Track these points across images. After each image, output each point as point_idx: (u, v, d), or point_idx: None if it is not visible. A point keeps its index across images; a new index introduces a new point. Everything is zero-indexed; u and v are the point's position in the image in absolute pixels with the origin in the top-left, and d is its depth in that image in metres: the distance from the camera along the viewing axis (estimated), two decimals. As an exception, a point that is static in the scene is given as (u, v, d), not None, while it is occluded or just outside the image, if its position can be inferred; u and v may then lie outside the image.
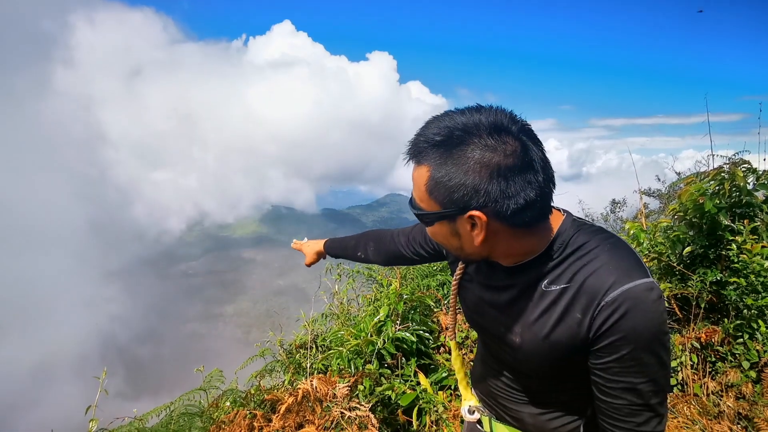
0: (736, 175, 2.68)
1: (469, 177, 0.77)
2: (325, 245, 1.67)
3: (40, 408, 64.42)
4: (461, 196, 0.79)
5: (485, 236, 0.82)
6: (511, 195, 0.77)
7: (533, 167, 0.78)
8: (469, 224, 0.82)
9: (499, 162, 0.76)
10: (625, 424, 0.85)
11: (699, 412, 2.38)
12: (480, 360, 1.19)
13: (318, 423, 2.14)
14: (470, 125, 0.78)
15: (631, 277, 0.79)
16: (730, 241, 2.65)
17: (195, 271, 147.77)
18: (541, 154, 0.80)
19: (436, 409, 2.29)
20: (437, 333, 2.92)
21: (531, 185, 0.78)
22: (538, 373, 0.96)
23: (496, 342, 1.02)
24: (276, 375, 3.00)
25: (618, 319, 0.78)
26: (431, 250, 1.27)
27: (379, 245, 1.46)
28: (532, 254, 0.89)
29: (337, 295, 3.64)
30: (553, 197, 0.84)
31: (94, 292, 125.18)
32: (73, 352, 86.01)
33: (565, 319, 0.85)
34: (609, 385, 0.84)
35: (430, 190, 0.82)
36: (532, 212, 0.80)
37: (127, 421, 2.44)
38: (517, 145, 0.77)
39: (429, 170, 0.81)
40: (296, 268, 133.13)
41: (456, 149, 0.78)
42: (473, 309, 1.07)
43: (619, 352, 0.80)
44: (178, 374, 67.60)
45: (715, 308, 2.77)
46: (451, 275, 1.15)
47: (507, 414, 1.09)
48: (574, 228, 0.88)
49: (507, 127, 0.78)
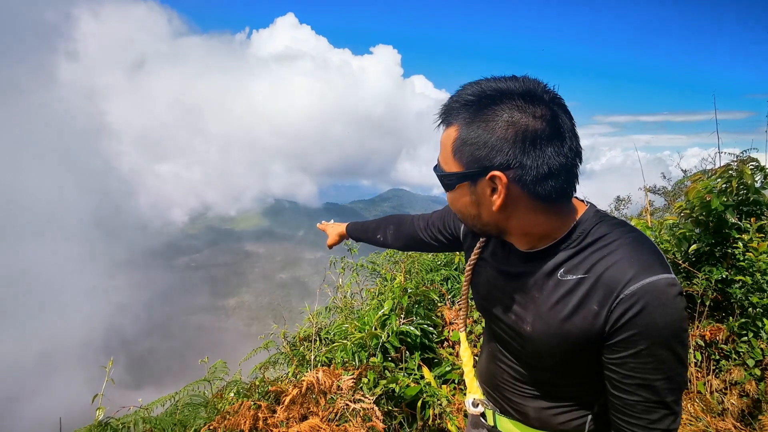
0: (744, 173, 2.66)
1: (494, 135, 0.77)
2: (348, 228, 1.70)
3: (44, 396, 65.11)
4: (485, 155, 0.78)
5: (504, 202, 0.81)
6: (535, 159, 0.77)
7: (561, 135, 0.78)
8: (490, 188, 0.81)
9: (528, 124, 0.76)
10: (639, 421, 0.82)
11: (703, 409, 2.38)
12: (486, 352, 1.16)
13: (322, 415, 2.16)
14: (503, 88, 0.79)
15: (652, 271, 0.77)
16: (736, 239, 2.64)
17: (198, 263, 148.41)
18: (571, 125, 0.80)
19: (439, 402, 2.30)
20: (441, 327, 2.93)
21: (557, 154, 0.77)
22: (546, 364, 0.93)
23: (505, 331, 1.00)
24: (280, 367, 3.02)
25: (636, 313, 0.76)
26: (449, 236, 1.25)
27: (398, 229, 1.46)
28: (550, 238, 0.87)
29: (341, 288, 3.65)
30: (578, 175, 0.82)
31: (98, 283, 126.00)
32: (76, 342, 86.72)
33: (581, 311, 0.82)
34: (624, 381, 0.81)
35: (456, 149, 0.82)
36: (554, 183, 0.79)
37: (133, 410, 2.46)
38: (548, 112, 0.77)
39: (457, 129, 0.82)
40: (298, 262, 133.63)
41: (486, 108, 0.78)
42: (484, 296, 1.05)
43: (636, 347, 0.78)
44: (180, 365, 68.11)
45: (719, 306, 2.77)
46: (465, 261, 1.13)
47: (511, 407, 1.07)
48: (596, 219, 0.86)
49: (539, 94, 0.78)
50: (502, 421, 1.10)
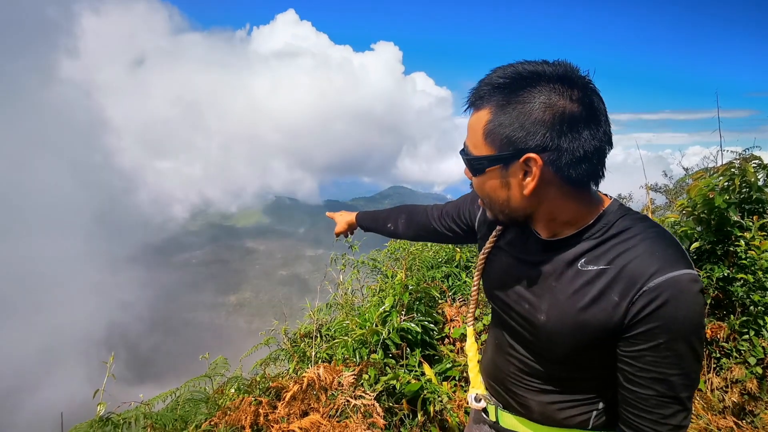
0: (746, 171, 2.65)
1: (531, 117, 0.77)
2: (357, 217, 1.67)
3: (44, 390, 65.39)
4: (521, 137, 0.78)
5: (536, 186, 0.80)
6: (571, 142, 0.77)
7: (597, 119, 0.78)
8: (522, 171, 0.80)
9: (565, 107, 0.76)
10: (651, 415, 0.82)
11: (704, 407, 2.38)
12: (492, 344, 1.14)
13: (323, 411, 2.16)
14: (539, 71, 0.78)
15: (676, 266, 0.77)
16: (738, 237, 2.63)
17: (199, 260, 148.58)
18: (605, 109, 0.80)
19: (440, 399, 2.30)
20: (442, 324, 2.93)
21: (592, 137, 0.78)
22: (557, 355, 0.92)
23: (517, 320, 0.98)
24: (281, 363, 3.02)
25: (659, 306, 0.76)
26: (464, 225, 1.23)
27: (410, 218, 1.44)
28: (574, 227, 0.87)
29: (341, 285, 3.65)
30: (606, 162, 0.82)
31: (99, 279, 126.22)
32: (77, 337, 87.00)
33: (600, 301, 0.82)
34: (639, 374, 0.81)
35: (488, 132, 0.81)
36: (587, 167, 0.79)
37: (134, 405, 2.47)
38: (584, 95, 0.77)
39: (490, 112, 0.81)
40: (299, 259, 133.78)
41: (522, 91, 0.78)
42: (497, 285, 1.03)
43: (655, 341, 0.78)
44: (181, 361, 68.32)
45: (721, 304, 2.76)
46: (479, 251, 1.11)
47: (515, 401, 1.05)
48: (620, 212, 0.86)
49: (575, 78, 0.78)
50: (505, 416, 1.09)
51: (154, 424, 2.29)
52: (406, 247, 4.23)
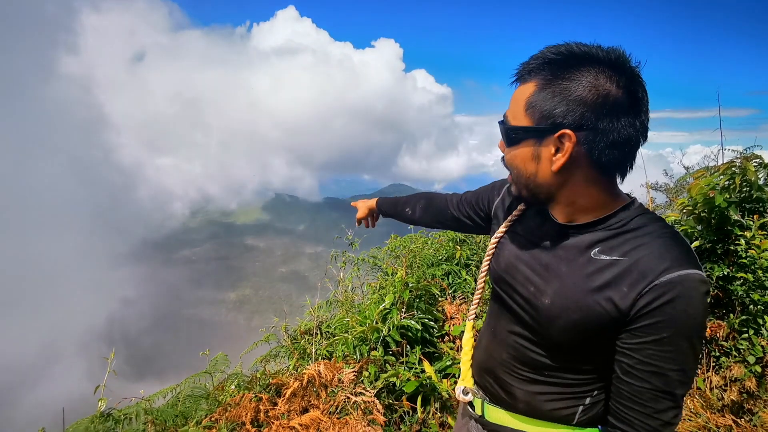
0: (747, 170, 2.65)
1: (575, 95, 0.79)
2: (378, 202, 1.71)
3: (44, 386, 65.56)
4: (561, 112, 0.80)
5: (565, 163, 0.83)
6: (608, 125, 0.79)
7: (638, 109, 0.80)
8: (555, 147, 0.82)
9: (610, 90, 0.78)
10: (644, 409, 0.83)
11: (702, 405, 2.39)
12: (488, 332, 1.14)
13: (323, 408, 2.17)
14: (592, 53, 0.81)
15: (688, 265, 0.79)
16: (738, 236, 2.63)
17: (198, 256, 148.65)
18: (647, 102, 0.82)
19: (440, 396, 2.31)
20: (442, 322, 2.94)
21: (630, 126, 0.80)
22: (555, 340, 0.93)
23: (519, 303, 0.99)
24: (281, 360, 3.03)
25: (667, 302, 0.78)
26: (482, 212, 1.25)
27: (429, 204, 1.47)
28: (591, 215, 0.89)
29: (342, 282, 3.66)
30: (636, 155, 0.85)
31: (99, 275, 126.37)
32: (77, 334, 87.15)
33: (607, 290, 0.84)
34: (638, 366, 0.83)
35: (530, 104, 0.84)
36: (618, 154, 0.81)
37: (134, 401, 2.47)
38: (630, 84, 0.79)
39: (535, 85, 0.83)
40: (299, 256, 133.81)
41: (572, 68, 0.80)
42: (505, 269, 1.04)
43: (659, 334, 0.80)
44: (181, 357, 68.41)
45: (720, 303, 2.77)
46: (490, 237, 1.13)
47: (503, 390, 1.05)
48: (639, 210, 0.89)
49: (625, 66, 0.80)
50: (491, 410, 1.09)
51: (155, 420, 2.30)
52: (406, 244, 4.23)
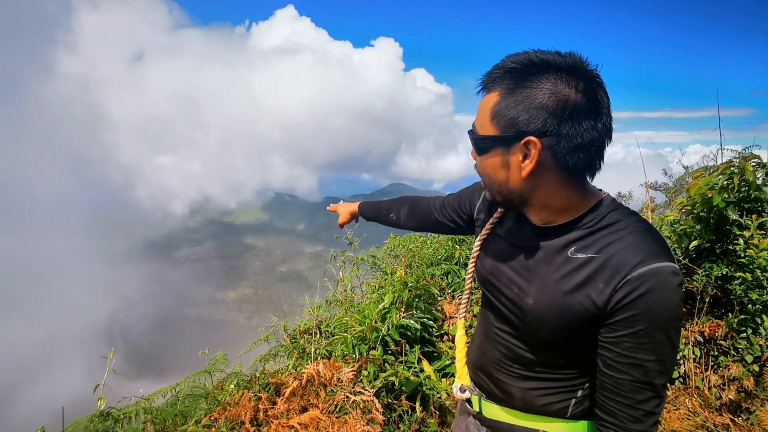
0: (746, 170, 2.65)
1: (536, 102, 0.81)
2: (360, 207, 1.70)
3: (43, 384, 65.58)
4: (524, 120, 0.82)
5: (533, 169, 0.84)
6: (571, 130, 0.81)
7: (599, 111, 0.82)
8: (522, 153, 0.84)
9: (569, 95, 0.80)
10: (626, 400, 0.85)
11: (701, 404, 2.39)
12: (480, 332, 1.16)
13: (322, 407, 2.17)
14: (550, 60, 0.82)
15: (659, 258, 0.81)
16: (737, 235, 2.64)
17: (198, 256, 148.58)
18: (608, 103, 0.84)
19: (439, 395, 2.32)
20: (441, 321, 2.94)
21: (592, 128, 0.81)
22: (542, 339, 0.95)
23: (506, 305, 1.01)
24: (280, 359, 3.03)
25: (640, 295, 0.80)
26: (464, 215, 1.26)
27: (413, 208, 1.48)
28: (567, 215, 0.90)
29: (341, 282, 3.66)
30: (604, 155, 0.86)
31: (99, 274, 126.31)
32: (76, 332, 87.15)
33: (585, 287, 0.86)
34: (618, 359, 0.85)
35: (494, 114, 0.86)
36: (584, 156, 0.83)
37: (134, 400, 2.48)
38: (589, 87, 0.81)
39: (498, 95, 0.86)
40: (298, 256, 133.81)
41: (531, 76, 0.82)
42: (489, 270, 1.06)
43: (635, 327, 0.81)
44: (180, 356, 68.44)
45: (719, 303, 2.77)
46: (475, 238, 1.14)
47: (498, 388, 1.08)
48: (612, 206, 0.90)
49: (583, 70, 0.83)
50: (488, 406, 1.11)
51: (154, 419, 2.31)
52: (405, 244, 4.24)
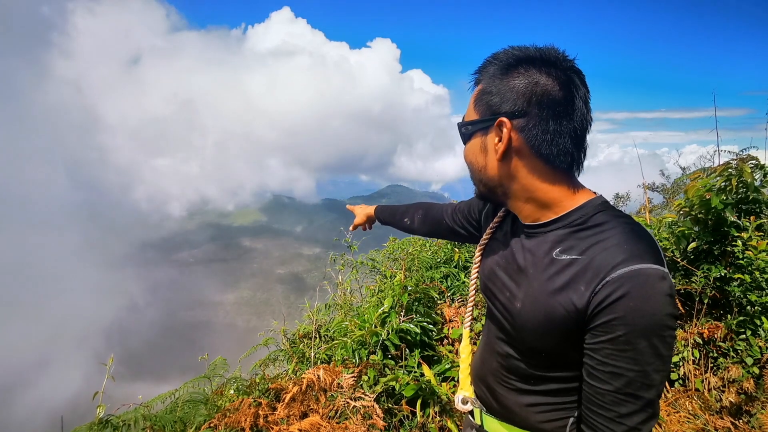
0: (743, 171, 2.66)
1: (509, 86, 0.86)
2: (376, 210, 1.74)
3: (41, 387, 65.30)
4: (497, 102, 0.87)
5: (506, 150, 0.87)
6: (540, 114, 0.83)
7: (572, 100, 0.83)
8: (497, 136, 0.87)
9: (540, 80, 0.84)
10: (608, 412, 0.80)
11: (701, 406, 2.40)
12: (483, 341, 1.14)
13: (322, 412, 2.16)
14: (528, 52, 0.87)
15: (642, 259, 0.75)
16: (735, 237, 2.65)
17: (196, 258, 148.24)
18: (584, 93, 0.86)
19: (439, 400, 2.31)
20: (441, 325, 2.94)
21: (565, 115, 0.83)
22: (529, 344, 0.92)
23: (500, 310, 1.00)
24: (280, 364, 3.02)
25: (618, 298, 0.75)
26: (474, 222, 1.27)
27: (426, 214, 1.51)
28: (551, 211, 0.90)
29: (340, 285, 3.65)
30: (585, 146, 0.88)
31: (96, 277, 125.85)
32: (74, 335, 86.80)
33: (567, 290, 0.82)
34: (598, 367, 0.79)
35: (476, 100, 0.92)
36: (557, 147, 0.84)
37: (133, 407, 2.46)
38: (563, 76, 0.84)
39: (482, 85, 0.91)
40: (296, 258, 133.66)
41: (511, 67, 0.87)
42: (487, 276, 1.06)
43: (614, 333, 0.76)
44: (178, 359, 68.25)
45: (718, 304, 2.78)
46: (476, 245, 1.15)
47: (496, 401, 1.04)
48: (600, 207, 0.87)
49: (559, 61, 0.86)
50: (489, 421, 1.08)
51: (154, 425, 2.29)
52: (404, 247, 4.23)
